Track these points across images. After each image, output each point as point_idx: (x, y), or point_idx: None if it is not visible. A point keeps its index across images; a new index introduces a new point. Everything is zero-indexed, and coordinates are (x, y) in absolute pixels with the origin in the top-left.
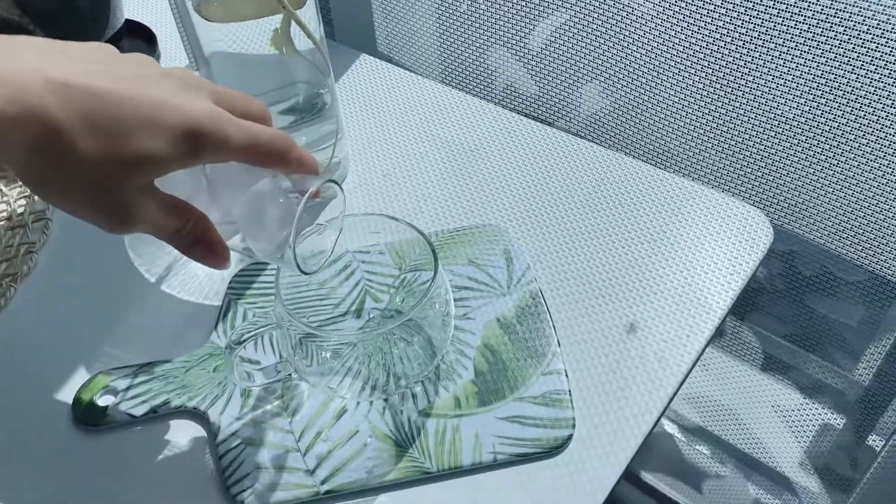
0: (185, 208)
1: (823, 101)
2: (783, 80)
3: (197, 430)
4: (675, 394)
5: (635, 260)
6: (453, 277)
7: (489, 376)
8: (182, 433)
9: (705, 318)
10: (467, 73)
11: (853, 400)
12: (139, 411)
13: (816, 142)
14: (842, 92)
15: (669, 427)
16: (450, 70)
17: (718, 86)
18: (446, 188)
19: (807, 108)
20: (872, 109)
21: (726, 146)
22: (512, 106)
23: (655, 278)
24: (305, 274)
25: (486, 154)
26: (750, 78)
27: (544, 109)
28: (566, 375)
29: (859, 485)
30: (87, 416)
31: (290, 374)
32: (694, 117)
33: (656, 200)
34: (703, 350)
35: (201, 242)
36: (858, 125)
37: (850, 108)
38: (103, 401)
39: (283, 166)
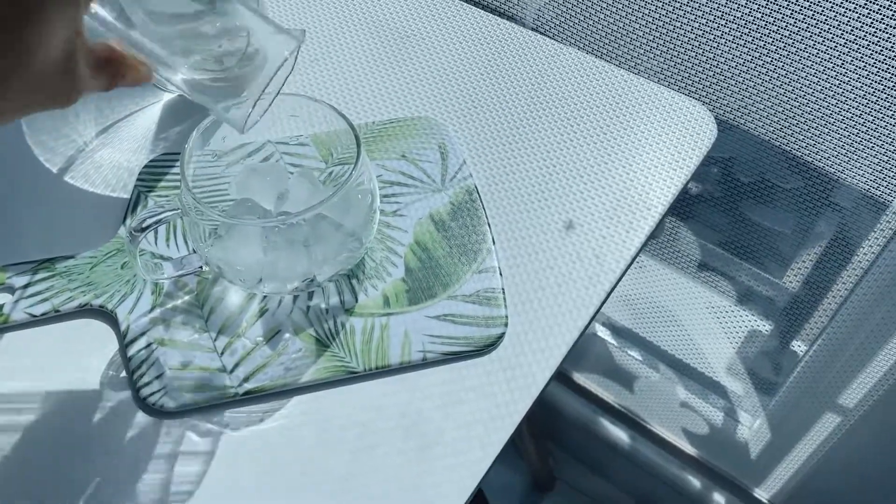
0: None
1: None
2: None
3: (104, 330)
4: (611, 291)
5: (576, 155)
6: (384, 172)
7: (420, 274)
8: (87, 333)
9: (645, 214)
10: None
11: (781, 307)
12: (39, 310)
13: (760, 35)
14: None
15: (602, 332)
16: None
17: None
18: (379, 77)
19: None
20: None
21: (671, 40)
22: None
23: (596, 174)
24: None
25: (422, 41)
26: None
27: None
28: (500, 273)
29: (782, 388)
30: None
31: (200, 267)
32: (639, 6)
33: (599, 94)
34: (643, 247)
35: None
36: (802, 17)
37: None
38: None
39: None
